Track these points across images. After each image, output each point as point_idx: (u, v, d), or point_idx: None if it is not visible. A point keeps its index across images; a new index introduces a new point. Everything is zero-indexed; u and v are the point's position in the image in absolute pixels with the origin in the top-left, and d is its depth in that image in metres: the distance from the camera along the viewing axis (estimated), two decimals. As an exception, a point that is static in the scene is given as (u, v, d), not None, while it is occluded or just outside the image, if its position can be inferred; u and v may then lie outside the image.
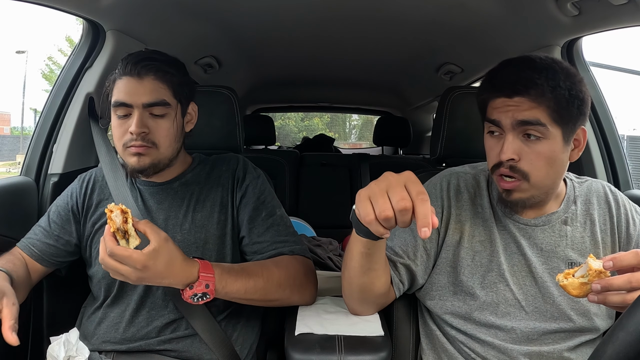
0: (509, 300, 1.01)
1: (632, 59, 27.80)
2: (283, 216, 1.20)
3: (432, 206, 1.05)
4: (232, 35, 2.06)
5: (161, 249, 0.91)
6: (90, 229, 1.18)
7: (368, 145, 7.60)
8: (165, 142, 1.11)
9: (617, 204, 1.07)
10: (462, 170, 1.14)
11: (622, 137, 1.79)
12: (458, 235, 1.06)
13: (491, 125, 0.97)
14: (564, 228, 1.04)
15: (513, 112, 0.92)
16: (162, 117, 1.11)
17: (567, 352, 1.00)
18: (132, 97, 1.08)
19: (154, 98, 1.09)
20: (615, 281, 0.75)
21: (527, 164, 0.94)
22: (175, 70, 1.14)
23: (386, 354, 0.98)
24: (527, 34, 1.62)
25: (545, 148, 0.93)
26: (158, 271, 0.91)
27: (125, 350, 1.10)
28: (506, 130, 0.94)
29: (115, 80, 1.11)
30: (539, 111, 0.91)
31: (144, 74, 1.09)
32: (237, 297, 1.03)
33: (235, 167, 1.23)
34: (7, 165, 15.18)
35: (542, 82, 0.90)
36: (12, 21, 38.76)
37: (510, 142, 0.93)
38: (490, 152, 1.00)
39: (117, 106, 1.10)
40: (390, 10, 1.70)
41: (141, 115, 1.08)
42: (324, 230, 2.41)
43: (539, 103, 0.91)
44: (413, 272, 1.06)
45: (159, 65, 1.11)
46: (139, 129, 1.07)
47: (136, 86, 1.08)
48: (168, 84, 1.12)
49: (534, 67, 0.93)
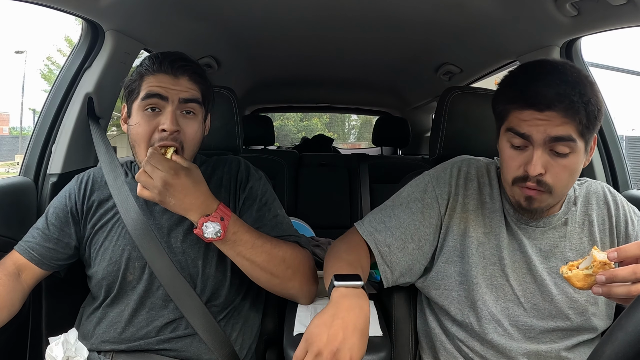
0: (508, 295, 1.02)
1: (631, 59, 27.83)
2: (285, 216, 1.21)
3: (440, 190, 1.09)
4: (231, 36, 2.06)
5: (194, 170, 1.02)
6: (89, 230, 1.17)
7: (367, 145, 7.62)
8: (192, 143, 1.12)
9: (616, 204, 1.08)
10: (476, 158, 1.15)
11: (621, 138, 1.79)
12: (464, 224, 1.06)
13: (515, 137, 0.94)
14: (564, 229, 1.05)
15: (545, 128, 0.90)
16: (192, 117, 1.11)
17: (565, 352, 1.00)
18: (169, 91, 1.08)
19: (190, 95, 1.10)
20: (620, 272, 0.75)
21: (552, 177, 0.93)
22: (205, 78, 1.16)
23: (385, 353, 0.99)
24: (526, 34, 1.63)
25: (571, 161, 0.93)
26: (185, 185, 0.99)
27: (125, 350, 1.10)
28: (536, 145, 0.92)
29: (143, 77, 1.10)
30: (570, 127, 0.90)
31: (179, 74, 1.10)
32: (243, 252, 1.04)
33: (237, 170, 1.23)
34: (6, 165, 15.16)
35: (577, 99, 0.88)
36: (11, 21, 38.70)
37: (539, 156, 0.92)
38: (510, 162, 0.97)
39: (149, 97, 1.07)
40: (389, 11, 1.71)
41: (174, 112, 1.08)
42: (322, 230, 2.40)
43: (571, 119, 0.89)
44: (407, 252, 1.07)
45: (194, 68, 1.13)
46: (173, 125, 1.06)
47: (172, 83, 1.09)
48: (200, 87, 1.13)
49: (567, 81, 0.90)
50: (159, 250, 1.09)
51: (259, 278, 1.08)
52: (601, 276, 0.76)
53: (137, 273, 1.12)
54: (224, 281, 1.14)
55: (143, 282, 1.11)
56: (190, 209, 1.00)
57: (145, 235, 1.10)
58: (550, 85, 0.90)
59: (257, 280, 1.10)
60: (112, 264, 1.13)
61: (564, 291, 1.01)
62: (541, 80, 0.92)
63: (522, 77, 0.96)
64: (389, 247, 1.07)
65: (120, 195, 1.15)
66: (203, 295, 1.11)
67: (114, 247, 1.14)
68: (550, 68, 0.94)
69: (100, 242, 1.15)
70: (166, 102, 1.08)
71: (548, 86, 0.90)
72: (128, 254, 1.13)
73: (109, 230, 1.16)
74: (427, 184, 1.11)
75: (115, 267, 1.12)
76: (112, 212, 1.17)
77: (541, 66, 0.95)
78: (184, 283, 1.08)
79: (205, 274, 1.12)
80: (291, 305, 1.17)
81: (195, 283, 1.12)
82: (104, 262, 1.13)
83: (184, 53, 1.16)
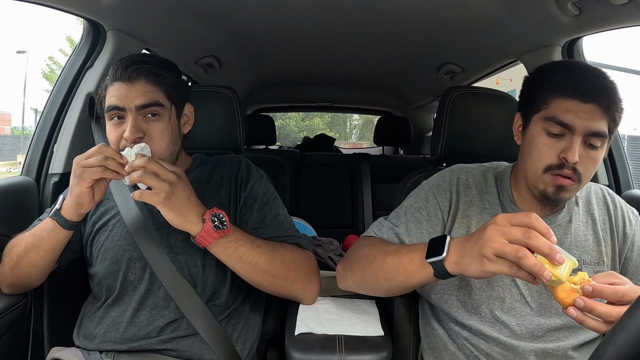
0: (514, 295, 1.02)
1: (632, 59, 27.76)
2: (286, 216, 1.21)
3: (441, 198, 1.09)
4: (232, 35, 2.06)
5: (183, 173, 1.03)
6: (90, 228, 1.17)
7: (369, 145, 7.61)
8: (160, 143, 1.10)
9: (615, 205, 1.10)
10: (470, 166, 1.16)
11: (622, 137, 1.78)
12: (465, 229, 1.06)
13: (555, 126, 0.95)
14: (569, 227, 1.06)
15: (588, 121, 0.92)
16: (156, 118, 1.10)
17: (572, 351, 1.00)
18: (124, 100, 1.07)
19: (147, 99, 1.08)
20: (598, 307, 0.76)
21: (583, 167, 0.95)
22: (168, 73, 1.13)
23: (387, 353, 0.99)
24: (528, 33, 1.62)
25: (599, 155, 0.96)
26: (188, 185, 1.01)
27: (126, 350, 1.10)
28: (576, 135, 0.94)
29: (107, 87, 1.10)
30: (605, 123, 0.94)
31: (134, 78, 1.08)
32: (245, 253, 1.05)
33: (237, 168, 1.23)
34: (7, 165, 15.20)
35: (618, 96, 0.94)
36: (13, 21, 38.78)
37: (579, 145, 0.94)
38: (545, 151, 0.97)
39: (110, 111, 1.09)
40: (390, 10, 1.70)
41: (135, 120, 1.07)
42: (324, 230, 2.41)
43: (607, 114, 0.93)
44: None
45: (150, 68, 1.10)
46: (132, 134, 1.05)
47: (128, 90, 1.07)
48: (160, 86, 1.11)
49: (608, 79, 0.96)
50: (159, 250, 1.09)
51: (261, 282, 1.08)
52: (580, 301, 0.76)
53: (138, 273, 1.12)
54: (225, 281, 1.14)
55: (144, 282, 1.12)
56: (193, 208, 1.00)
57: (145, 235, 1.10)
58: (598, 77, 0.95)
59: (259, 285, 1.10)
60: (113, 264, 1.13)
61: None
62: (589, 71, 0.97)
63: (570, 67, 1.00)
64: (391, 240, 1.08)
65: (121, 196, 1.15)
66: (204, 294, 1.11)
67: (115, 247, 1.14)
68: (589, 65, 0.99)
69: (102, 242, 1.15)
70: (125, 112, 1.08)
71: (596, 77, 0.95)
72: (129, 254, 1.13)
73: (110, 230, 1.16)
74: (427, 192, 1.11)
75: (117, 267, 1.13)
76: (113, 212, 1.17)
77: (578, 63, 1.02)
78: (184, 283, 1.09)
79: (205, 274, 1.12)
80: (293, 305, 1.17)
81: (196, 283, 1.12)
82: (105, 262, 1.13)
83: (145, 54, 1.16)
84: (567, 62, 1.01)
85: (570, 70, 0.98)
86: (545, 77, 1.00)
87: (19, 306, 1.19)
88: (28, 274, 1.11)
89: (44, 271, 1.12)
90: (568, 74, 0.97)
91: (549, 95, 0.97)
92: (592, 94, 0.92)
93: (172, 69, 1.16)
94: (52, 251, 1.08)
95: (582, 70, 0.97)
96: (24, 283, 1.14)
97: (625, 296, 0.77)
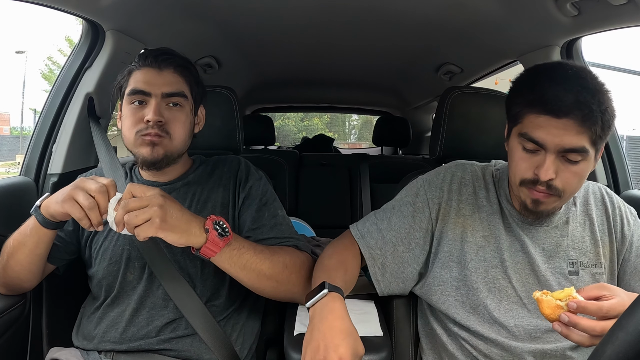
0: (511, 297, 1.02)
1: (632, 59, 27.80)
2: (285, 217, 1.21)
3: (431, 194, 1.09)
4: (231, 36, 2.06)
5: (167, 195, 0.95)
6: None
7: (367, 145, 7.62)
8: (180, 133, 1.13)
9: (613, 205, 1.09)
10: (470, 163, 1.15)
11: (621, 137, 1.79)
12: (460, 229, 1.06)
13: (528, 143, 0.94)
14: (566, 228, 1.05)
15: (561, 137, 0.89)
16: (178, 109, 1.13)
17: (570, 351, 1.00)
18: (152, 86, 1.10)
19: (173, 88, 1.12)
20: (582, 322, 0.78)
21: (562, 182, 0.93)
22: (193, 69, 1.18)
23: (386, 354, 0.99)
24: (527, 34, 1.62)
25: (581, 168, 0.93)
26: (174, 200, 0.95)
27: (125, 350, 1.10)
28: (549, 152, 0.91)
29: (131, 72, 1.14)
30: (584, 137, 0.89)
31: (164, 67, 1.12)
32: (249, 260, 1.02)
33: (237, 169, 1.23)
34: (6, 165, 15.18)
35: (595, 108, 0.87)
36: (12, 21, 38.73)
37: (552, 161, 0.91)
38: (521, 164, 0.96)
39: (133, 94, 1.10)
40: (389, 10, 1.71)
41: (159, 104, 1.09)
42: (323, 230, 2.40)
43: (587, 128, 0.88)
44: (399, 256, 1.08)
45: (179, 61, 1.15)
46: (156, 116, 1.08)
47: (156, 76, 1.11)
48: (186, 79, 1.16)
49: (587, 88, 0.88)
50: (158, 249, 1.09)
51: (264, 289, 1.07)
52: (565, 316, 0.79)
53: (137, 273, 1.12)
54: (224, 281, 1.14)
55: (143, 281, 1.11)
56: (192, 220, 0.95)
57: None
58: (571, 90, 0.88)
59: (262, 292, 1.08)
60: (112, 264, 1.13)
61: None
62: (562, 84, 0.89)
63: (542, 79, 0.93)
64: (380, 250, 1.08)
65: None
66: (203, 295, 1.11)
67: (114, 247, 1.14)
68: (571, 73, 0.92)
69: (100, 242, 1.15)
70: (150, 97, 1.10)
71: (569, 91, 0.88)
72: (128, 254, 1.13)
73: (108, 230, 1.15)
74: (419, 187, 1.11)
75: (116, 267, 1.12)
76: None
77: (562, 69, 0.93)
78: (184, 283, 1.08)
79: (204, 274, 1.12)
80: (292, 306, 1.17)
81: (195, 283, 1.12)
82: (104, 262, 1.13)
83: (171, 49, 1.18)
84: (540, 73, 0.95)
85: (541, 83, 0.92)
86: (518, 91, 0.98)
87: (18, 306, 1.19)
88: (17, 274, 1.09)
89: (32, 272, 1.09)
90: (540, 89, 0.91)
91: (522, 110, 0.95)
92: (563, 110, 0.87)
93: (195, 69, 1.20)
94: (36, 249, 1.05)
95: (553, 84, 0.90)
96: (15, 284, 1.12)
97: (611, 311, 0.78)
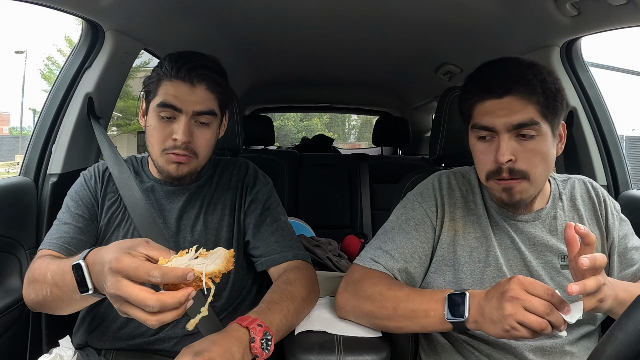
0: None
1: (632, 59, 27.84)
2: (287, 222, 1.22)
3: (427, 205, 1.08)
4: (231, 36, 2.06)
5: None
6: (104, 231, 1.15)
7: (367, 145, 7.62)
8: (205, 152, 1.12)
9: (599, 199, 1.11)
10: (452, 170, 1.16)
11: (621, 138, 1.79)
12: (452, 232, 1.07)
13: (481, 131, 0.97)
14: (554, 223, 1.06)
15: (507, 116, 0.93)
16: (206, 126, 1.11)
17: (569, 346, 1.01)
18: (184, 103, 1.06)
19: (204, 107, 1.08)
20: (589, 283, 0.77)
21: (525, 162, 0.95)
22: (225, 82, 1.15)
23: (385, 354, 0.99)
24: (526, 34, 1.62)
25: (539, 145, 0.95)
26: None
27: (124, 348, 1.10)
28: (500, 133, 0.94)
29: (161, 81, 1.08)
30: (530, 109, 0.92)
31: (197, 83, 1.07)
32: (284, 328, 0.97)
33: (245, 173, 1.25)
34: (6, 165, 15.17)
35: (531, 78, 0.92)
36: (12, 21, 38.71)
37: (506, 142, 0.93)
38: (482, 157, 0.99)
39: (163, 107, 1.07)
40: (389, 10, 1.71)
41: (188, 123, 1.07)
42: (322, 230, 2.41)
43: (529, 100, 0.92)
44: (411, 275, 1.06)
45: (213, 77, 1.10)
46: (186, 137, 1.06)
47: (188, 93, 1.07)
48: (217, 95, 1.12)
49: (520, 65, 0.95)
50: (164, 244, 1.08)
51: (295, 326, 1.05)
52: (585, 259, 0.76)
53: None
54: (226, 283, 1.14)
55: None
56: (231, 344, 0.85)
57: (154, 232, 1.10)
58: (506, 68, 0.95)
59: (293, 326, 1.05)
60: None
61: (561, 285, 1.02)
62: (496, 66, 0.97)
63: (480, 70, 1.00)
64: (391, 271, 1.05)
65: (127, 189, 1.14)
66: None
67: None
68: (505, 58, 0.99)
69: (107, 239, 1.14)
70: (180, 113, 1.07)
71: (504, 69, 0.95)
72: None
73: (116, 226, 1.14)
74: (413, 202, 1.12)
75: None
76: (119, 207, 1.16)
77: (497, 60, 1.00)
78: None
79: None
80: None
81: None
82: None
83: (206, 56, 1.13)
84: (480, 66, 1.01)
85: (480, 71, 0.99)
86: (465, 89, 1.02)
87: (18, 306, 1.19)
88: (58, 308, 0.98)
89: None
90: (480, 77, 0.98)
91: (469, 103, 0.99)
92: (503, 87, 0.92)
93: (226, 77, 1.16)
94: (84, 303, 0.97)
95: (490, 67, 0.98)
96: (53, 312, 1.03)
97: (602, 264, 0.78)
